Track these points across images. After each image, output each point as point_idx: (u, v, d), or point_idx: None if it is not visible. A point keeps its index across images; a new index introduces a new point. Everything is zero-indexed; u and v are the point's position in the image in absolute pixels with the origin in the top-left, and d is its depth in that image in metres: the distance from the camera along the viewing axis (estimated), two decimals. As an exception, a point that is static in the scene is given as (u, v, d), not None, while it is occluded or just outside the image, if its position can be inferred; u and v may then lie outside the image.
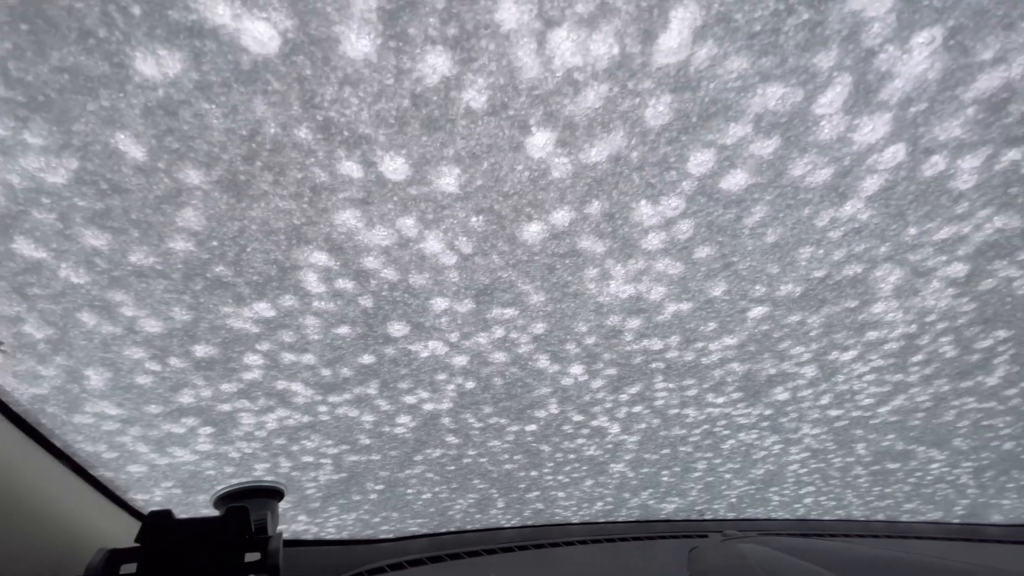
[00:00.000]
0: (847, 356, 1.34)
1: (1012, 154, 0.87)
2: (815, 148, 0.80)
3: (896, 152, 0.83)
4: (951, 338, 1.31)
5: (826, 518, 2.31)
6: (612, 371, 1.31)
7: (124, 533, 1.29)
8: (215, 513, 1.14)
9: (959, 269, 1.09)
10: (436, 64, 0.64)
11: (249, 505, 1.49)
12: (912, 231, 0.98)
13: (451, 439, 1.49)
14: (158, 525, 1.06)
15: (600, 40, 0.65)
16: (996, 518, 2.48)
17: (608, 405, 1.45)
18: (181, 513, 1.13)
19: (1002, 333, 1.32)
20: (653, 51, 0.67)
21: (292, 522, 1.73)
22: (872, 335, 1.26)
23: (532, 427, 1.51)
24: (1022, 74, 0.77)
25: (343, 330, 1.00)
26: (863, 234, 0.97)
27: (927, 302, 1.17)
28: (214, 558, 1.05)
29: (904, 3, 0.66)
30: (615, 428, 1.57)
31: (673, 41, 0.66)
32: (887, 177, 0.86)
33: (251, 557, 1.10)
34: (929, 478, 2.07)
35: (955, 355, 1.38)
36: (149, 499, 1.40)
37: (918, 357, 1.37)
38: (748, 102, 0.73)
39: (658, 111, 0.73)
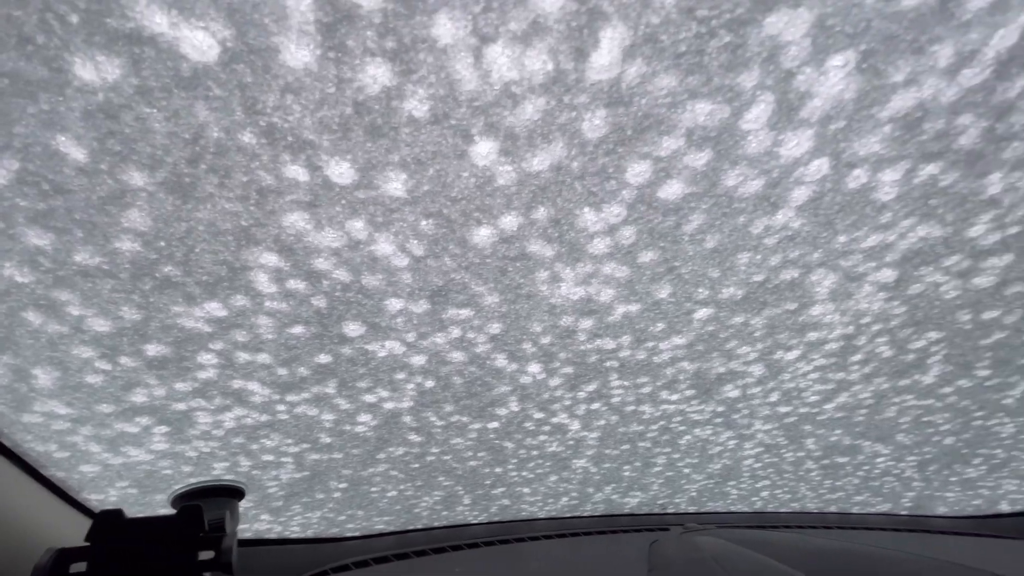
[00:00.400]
0: (791, 355, 1.40)
1: (929, 168, 0.93)
2: (745, 161, 0.85)
3: (820, 165, 0.88)
4: (887, 339, 1.39)
5: (782, 511, 2.40)
6: (569, 369, 1.35)
7: (77, 534, 1.28)
8: (172, 513, 1.14)
9: (888, 274, 1.16)
10: (376, 75, 0.67)
11: (208, 504, 1.49)
12: (842, 239, 1.04)
13: (413, 437, 1.51)
14: (108, 524, 1.06)
15: (535, 56, 0.68)
16: (941, 510, 2.61)
17: (567, 402, 1.50)
18: (138, 513, 1.12)
19: (933, 335, 1.40)
20: (586, 68, 0.70)
21: (255, 521, 1.73)
22: (813, 336, 1.33)
23: (494, 424, 1.54)
24: (933, 95, 0.83)
25: (297, 330, 1.02)
26: (796, 241, 1.02)
27: (861, 305, 1.24)
28: (166, 557, 1.05)
29: (818, 28, 0.70)
30: (575, 425, 1.62)
31: (604, 59, 0.69)
32: (814, 188, 0.92)
33: (207, 556, 1.11)
34: (876, 471, 2.17)
35: (891, 355, 1.46)
36: (104, 499, 1.39)
37: (857, 357, 1.44)
38: (679, 117, 0.77)
39: (594, 124, 0.77)
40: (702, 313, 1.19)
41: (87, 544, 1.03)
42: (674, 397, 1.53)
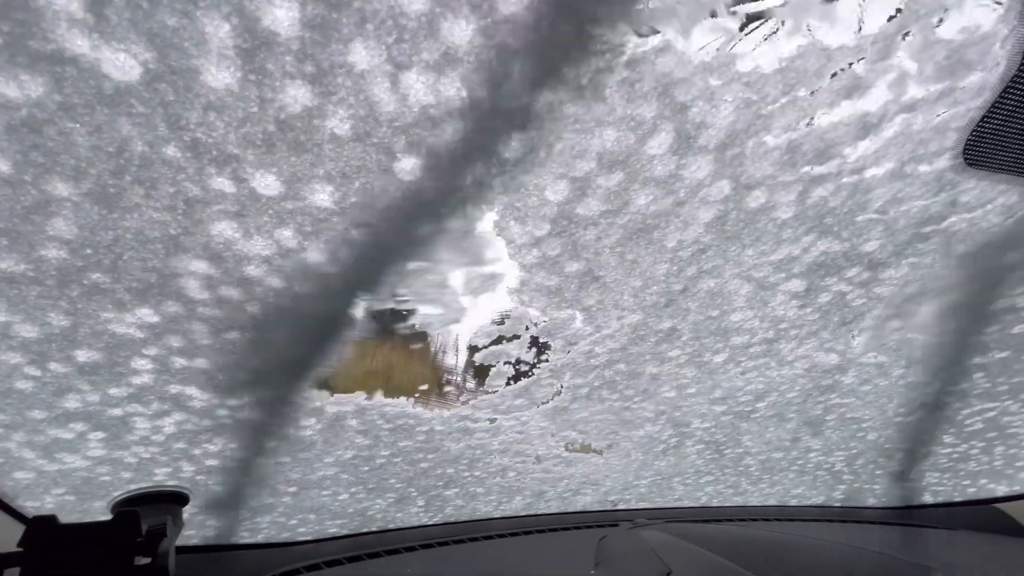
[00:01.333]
0: (719, 358, 1.50)
1: (819, 191, 1.03)
2: (653, 182, 0.93)
3: (722, 187, 0.97)
4: (805, 342, 1.50)
5: (726, 505, 2.52)
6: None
7: (12, 540, 1.25)
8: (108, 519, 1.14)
9: (797, 284, 1.26)
10: (297, 95, 0.71)
11: (149, 510, 1.47)
12: (750, 252, 1.13)
13: (360, 440, 1.54)
14: (42, 530, 1.05)
15: (449, 83, 0.73)
16: (871, 501, 2.79)
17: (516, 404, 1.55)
18: (77, 520, 1.11)
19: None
20: (499, 96, 0.76)
21: (201, 527, 1.72)
22: (737, 340, 1.43)
23: (440, 427, 1.59)
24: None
25: (233, 335, 1.04)
26: (708, 254, 1.11)
27: (777, 312, 1.35)
28: (100, 562, 1.05)
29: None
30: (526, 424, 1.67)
31: (515, 88, 0.75)
32: (719, 207, 1.00)
33: (144, 562, 1.11)
34: (810, 465, 2.31)
35: (812, 357, 1.58)
36: (40, 506, 1.37)
37: (781, 358, 1.55)
38: (589, 142, 0.84)
39: (512, 146, 0.83)
40: (631, 319, 1.27)
41: (20, 550, 1.03)
42: (614, 396, 1.61)
